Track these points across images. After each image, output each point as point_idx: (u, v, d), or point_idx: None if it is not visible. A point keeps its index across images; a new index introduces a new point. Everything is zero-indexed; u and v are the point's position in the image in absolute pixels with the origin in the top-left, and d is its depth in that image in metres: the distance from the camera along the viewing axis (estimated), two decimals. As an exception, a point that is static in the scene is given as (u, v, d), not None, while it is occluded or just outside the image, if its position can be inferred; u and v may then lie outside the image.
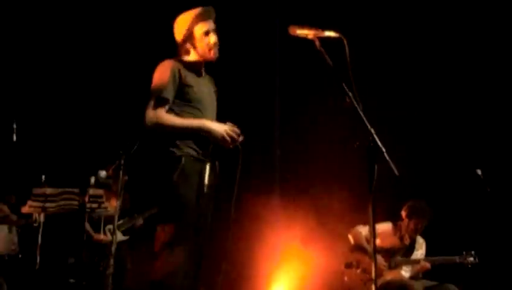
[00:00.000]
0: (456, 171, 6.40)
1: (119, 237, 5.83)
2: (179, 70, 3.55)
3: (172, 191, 3.42)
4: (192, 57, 3.67)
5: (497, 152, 6.46)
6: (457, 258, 5.35)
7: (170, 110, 3.53)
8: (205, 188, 3.52)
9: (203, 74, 3.76)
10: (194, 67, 3.66)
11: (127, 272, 5.85)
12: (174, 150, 3.49)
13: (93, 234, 5.93)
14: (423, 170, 6.60)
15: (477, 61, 6.64)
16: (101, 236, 5.75)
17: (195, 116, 3.57)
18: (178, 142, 3.49)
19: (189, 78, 3.59)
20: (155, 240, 3.46)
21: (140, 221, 6.15)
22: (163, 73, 3.53)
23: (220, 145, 3.60)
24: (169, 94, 3.50)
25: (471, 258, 5.31)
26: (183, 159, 3.46)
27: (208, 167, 3.56)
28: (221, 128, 3.57)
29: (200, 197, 3.49)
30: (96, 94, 6.98)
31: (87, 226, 5.91)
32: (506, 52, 6.56)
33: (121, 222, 5.88)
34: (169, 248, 3.37)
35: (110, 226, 5.77)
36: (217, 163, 3.64)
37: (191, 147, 3.51)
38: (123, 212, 5.95)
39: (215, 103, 3.78)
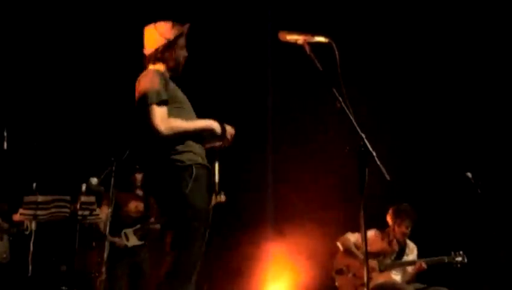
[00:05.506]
0: (446, 174, 6.43)
1: (135, 241, 5.73)
2: (163, 75, 3.51)
3: (186, 201, 3.32)
4: (164, 67, 3.61)
5: (487, 155, 6.50)
6: (445, 258, 5.37)
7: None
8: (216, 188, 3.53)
9: None
10: (169, 75, 3.63)
11: (144, 277, 5.76)
12: (181, 157, 3.38)
13: (108, 235, 5.83)
14: (414, 174, 6.62)
15: (466, 64, 6.68)
16: (116, 239, 5.65)
17: (191, 118, 3.51)
18: (180, 149, 3.39)
19: (171, 82, 3.56)
20: (166, 244, 3.38)
21: (157, 226, 6.03)
22: (151, 80, 3.44)
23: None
24: (166, 96, 3.41)
25: (460, 258, 5.33)
26: (194, 168, 3.37)
27: (217, 167, 3.54)
28: (220, 125, 3.54)
29: (209, 201, 3.46)
30: (87, 102, 6.97)
31: (102, 226, 5.73)
32: (494, 57, 6.60)
33: (138, 226, 5.77)
34: (178, 253, 3.31)
35: (127, 230, 5.69)
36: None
37: (192, 152, 3.42)
38: (147, 217, 5.86)
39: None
